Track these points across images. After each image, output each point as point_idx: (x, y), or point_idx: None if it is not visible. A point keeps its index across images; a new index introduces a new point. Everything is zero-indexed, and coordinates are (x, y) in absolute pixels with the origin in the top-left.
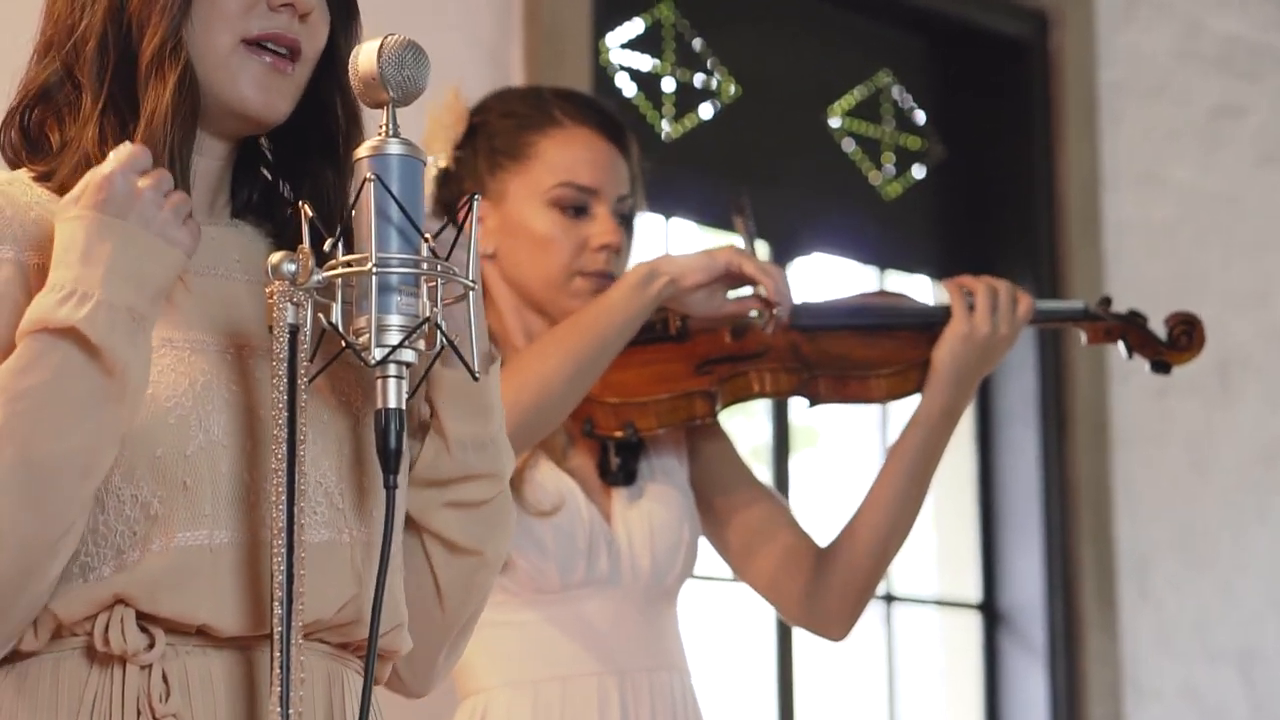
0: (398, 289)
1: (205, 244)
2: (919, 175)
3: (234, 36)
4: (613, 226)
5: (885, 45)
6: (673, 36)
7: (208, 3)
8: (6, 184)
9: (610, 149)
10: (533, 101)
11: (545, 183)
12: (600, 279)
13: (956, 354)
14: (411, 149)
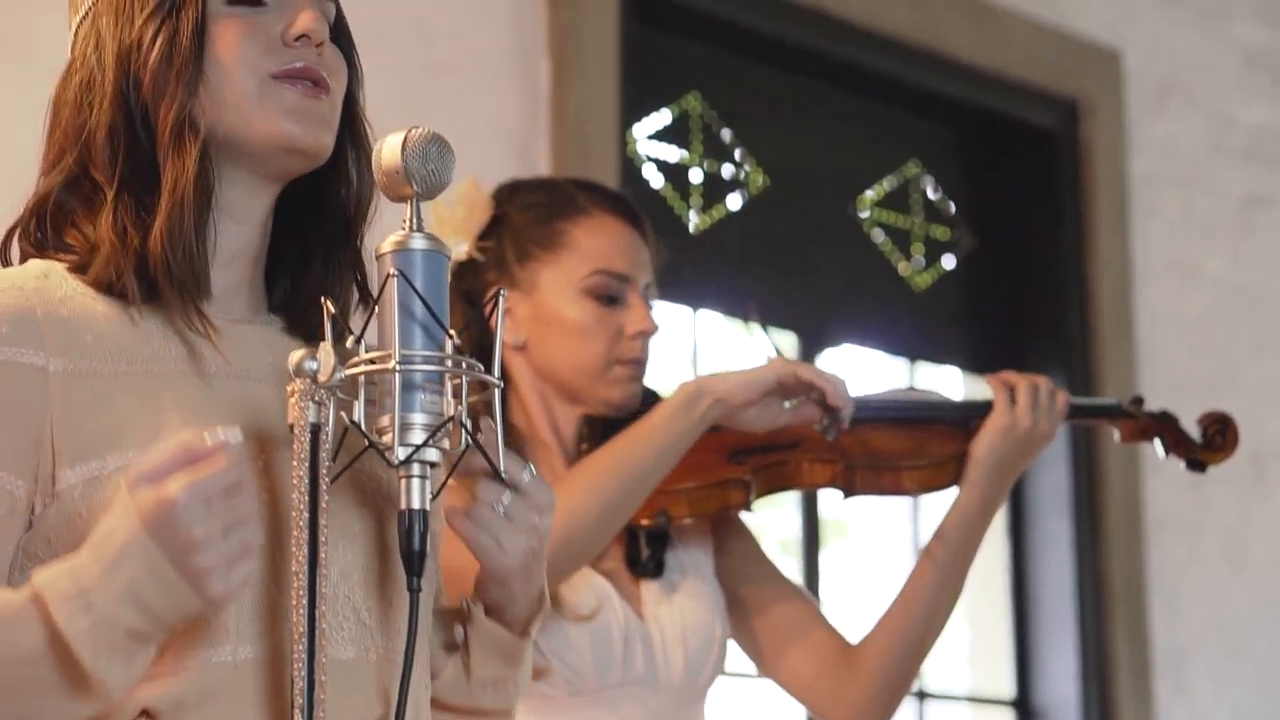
0: (422, 387)
1: (239, 344)
2: (949, 266)
3: (258, 77)
4: (647, 313)
5: (914, 135)
6: (700, 127)
7: (221, 58)
8: (41, 277)
9: (636, 236)
10: (555, 191)
11: (579, 271)
12: (637, 366)
13: (997, 447)
14: (436, 244)
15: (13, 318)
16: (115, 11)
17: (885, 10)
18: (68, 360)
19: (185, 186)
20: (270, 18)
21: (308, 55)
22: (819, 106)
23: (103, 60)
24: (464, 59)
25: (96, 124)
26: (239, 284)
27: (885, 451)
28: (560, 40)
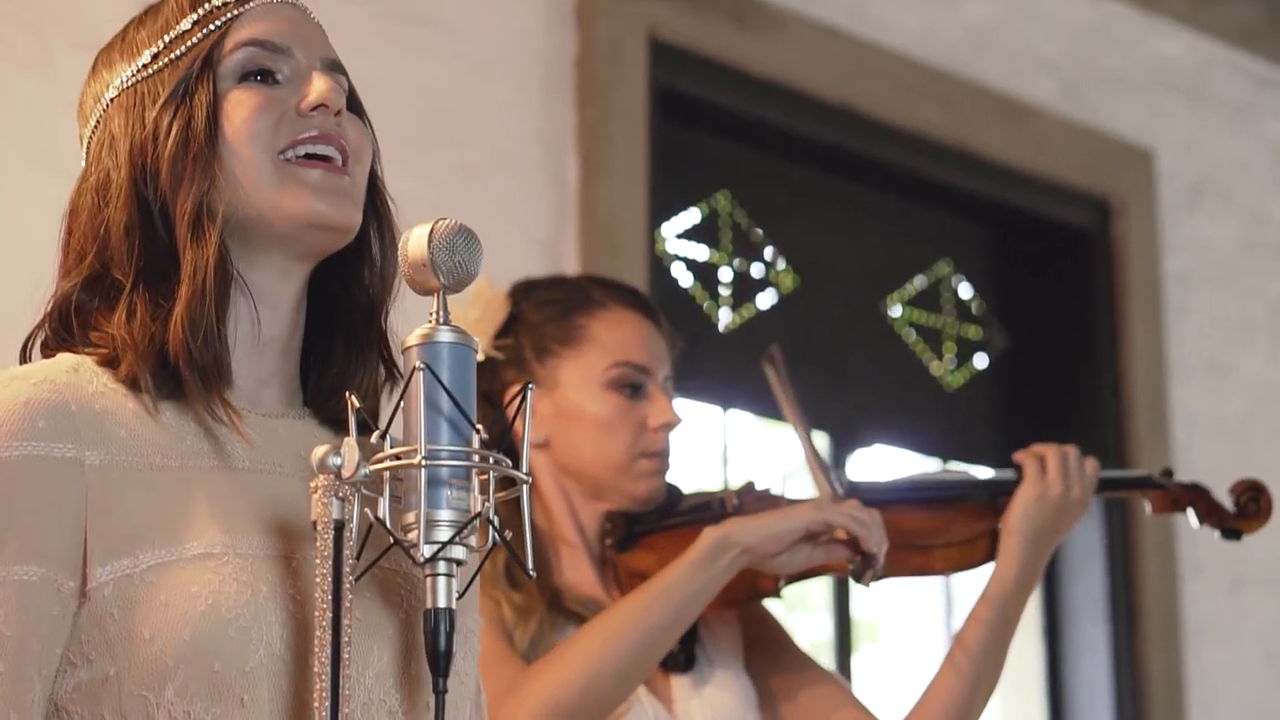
0: (448, 483)
1: (269, 438)
2: (981, 365)
3: (270, 154)
4: (669, 405)
5: (945, 234)
6: (730, 226)
7: (232, 137)
8: (73, 371)
9: (653, 328)
10: (570, 287)
11: (600, 365)
12: (662, 459)
13: (1031, 515)
14: (463, 337)
15: (48, 412)
16: (126, 111)
17: (916, 108)
18: (102, 454)
19: (205, 273)
20: (284, 92)
21: (326, 123)
22: (849, 205)
23: (117, 159)
24: (492, 159)
25: (113, 221)
26: (270, 374)
27: (912, 531)
28: (588, 139)
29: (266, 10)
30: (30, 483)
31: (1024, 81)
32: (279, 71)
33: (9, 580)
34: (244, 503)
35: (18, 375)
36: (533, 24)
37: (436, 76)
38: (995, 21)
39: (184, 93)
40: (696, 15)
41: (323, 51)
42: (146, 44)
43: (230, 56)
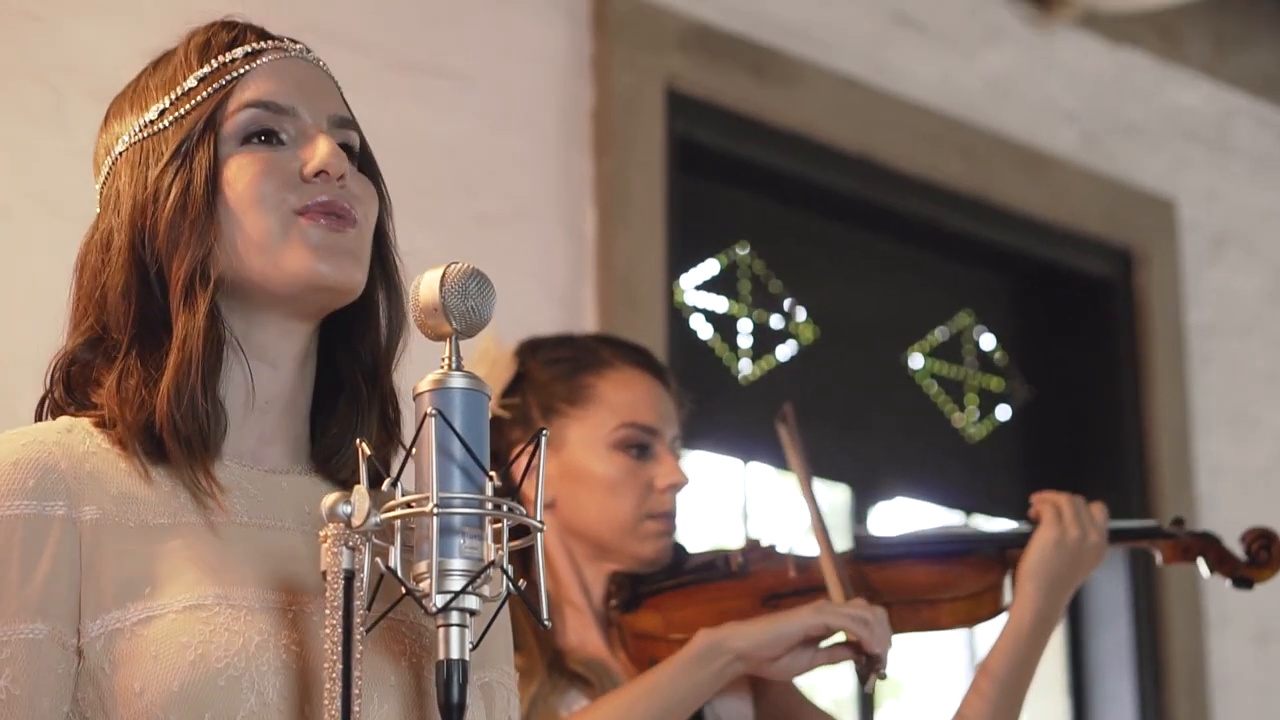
0: (461, 531)
1: (273, 494)
2: (1003, 417)
3: (280, 214)
4: (676, 465)
5: (966, 285)
6: (749, 277)
7: (234, 201)
8: (65, 432)
9: (662, 388)
10: (578, 346)
11: (607, 425)
12: (669, 520)
13: (1048, 559)
14: (475, 383)
15: (38, 471)
16: (132, 167)
17: (936, 159)
18: (95, 510)
19: (194, 341)
20: (286, 154)
21: (330, 189)
22: (869, 256)
23: (119, 218)
24: (509, 210)
25: (111, 283)
26: (273, 432)
27: (919, 586)
28: (606, 190)
29: (274, 68)
30: (25, 541)
31: (1044, 131)
32: (283, 132)
33: (14, 639)
34: (240, 556)
35: (7, 438)
36: (550, 75)
37: (453, 128)
38: (1014, 72)
39: (185, 154)
40: (714, 66)
41: (330, 108)
42: (155, 98)
43: (233, 118)
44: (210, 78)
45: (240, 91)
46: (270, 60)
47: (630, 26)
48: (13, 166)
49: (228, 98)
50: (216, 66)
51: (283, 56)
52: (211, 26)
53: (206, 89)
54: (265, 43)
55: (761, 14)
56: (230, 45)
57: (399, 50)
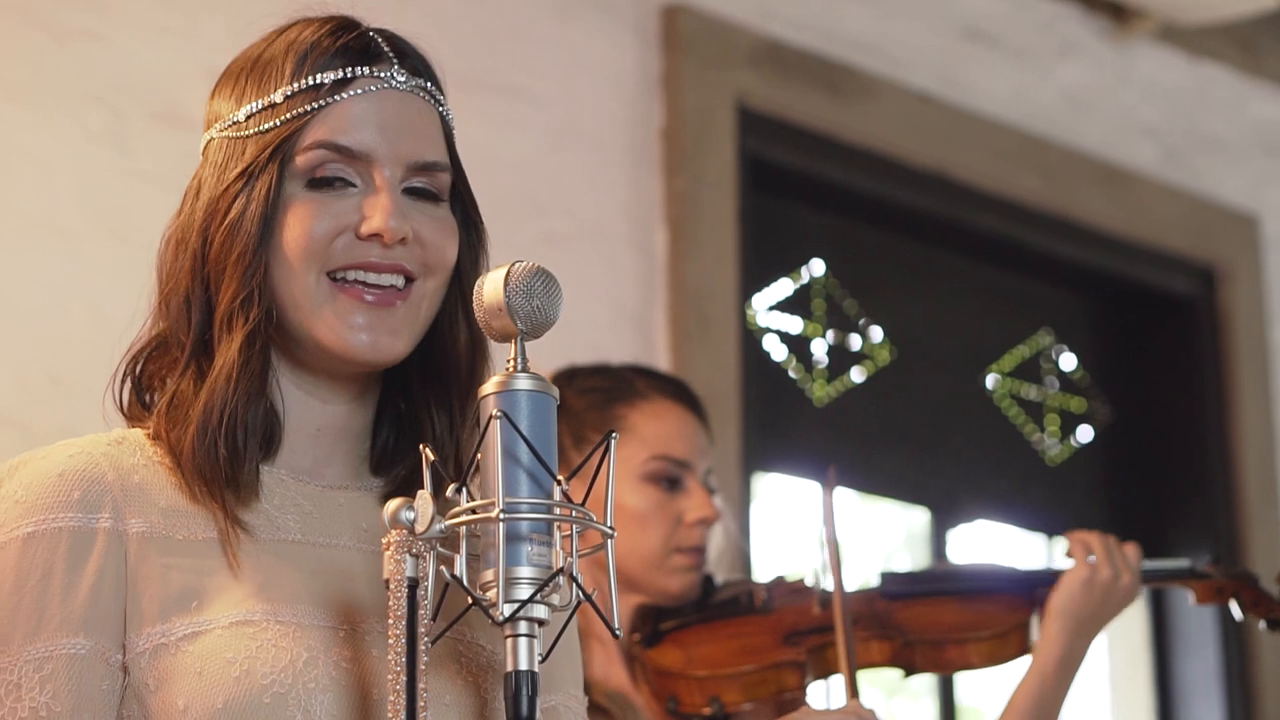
0: (528, 537)
1: (329, 510)
2: (1085, 438)
3: (320, 271)
4: (707, 500)
5: (1045, 304)
6: (823, 297)
7: (285, 247)
8: (115, 444)
9: (696, 421)
10: (612, 376)
11: (638, 457)
12: (698, 554)
13: (1076, 598)
14: (542, 384)
15: (83, 482)
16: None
17: (1013, 175)
18: (142, 522)
19: (224, 380)
20: (349, 203)
21: (386, 254)
22: (946, 275)
23: (194, 217)
24: (578, 230)
25: (176, 286)
26: (329, 454)
27: (944, 625)
28: (677, 209)
29: (361, 104)
30: (69, 554)
31: (1123, 147)
32: (353, 177)
33: (56, 654)
34: (291, 573)
35: (56, 448)
36: (619, 94)
37: (521, 147)
38: (1091, 86)
39: (250, 178)
40: (786, 83)
41: (414, 152)
42: (249, 94)
43: (304, 154)
44: (295, 99)
45: (318, 125)
46: (361, 92)
47: (700, 44)
48: (74, 187)
49: (305, 127)
50: (304, 88)
51: (378, 88)
52: (319, 27)
53: (289, 111)
54: (363, 69)
55: (833, 29)
56: (327, 64)
57: (466, 69)
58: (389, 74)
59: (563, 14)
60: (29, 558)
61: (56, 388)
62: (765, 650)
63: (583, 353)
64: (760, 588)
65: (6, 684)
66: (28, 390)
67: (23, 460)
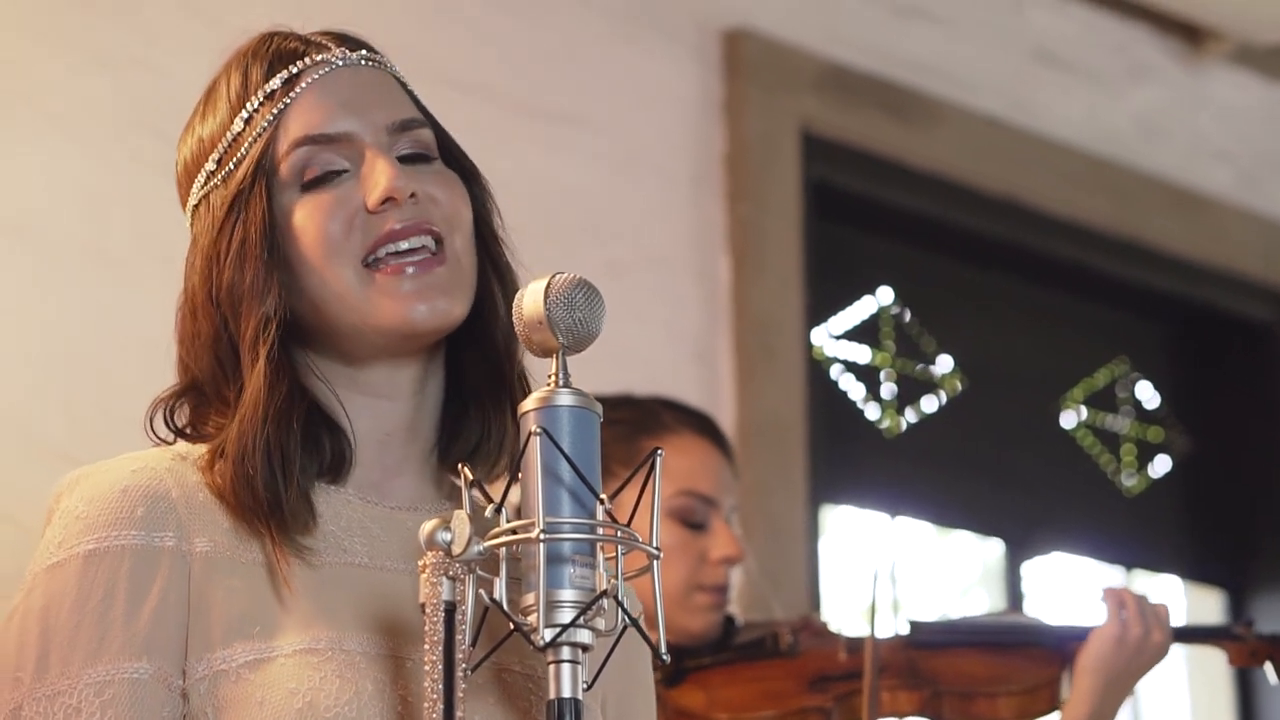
0: (571, 559)
1: (396, 534)
2: (1162, 468)
3: (353, 263)
4: (732, 538)
5: (1120, 331)
6: (892, 326)
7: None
8: (179, 459)
9: (722, 457)
10: (640, 408)
11: (664, 492)
12: (720, 594)
13: (1106, 656)
14: (585, 400)
15: (147, 499)
16: (201, 220)
17: (1085, 200)
18: (207, 542)
19: (252, 408)
20: (348, 187)
21: (404, 213)
22: (1018, 302)
23: (194, 269)
24: (640, 258)
25: (199, 332)
26: (399, 462)
27: (974, 676)
28: (740, 237)
29: (318, 89)
30: (132, 574)
31: (1198, 170)
32: (341, 162)
33: (117, 679)
34: (355, 599)
35: (118, 462)
36: (681, 120)
37: (582, 174)
38: (1164, 109)
39: (239, 210)
40: (850, 108)
41: (388, 115)
42: (209, 147)
43: (286, 160)
44: (254, 117)
45: (288, 125)
46: (312, 81)
47: (763, 68)
48: (126, 216)
49: (275, 135)
50: (257, 105)
51: (326, 71)
52: (245, 53)
53: (252, 132)
54: (302, 61)
55: (898, 53)
56: (266, 75)
57: (526, 96)
58: (328, 57)
59: (624, 39)
60: (90, 576)
61: (106, 418)
62: (790, 695)
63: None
64: (785, 630)
65: (66, 708)
66: (77, 421)
67: (84, 473)
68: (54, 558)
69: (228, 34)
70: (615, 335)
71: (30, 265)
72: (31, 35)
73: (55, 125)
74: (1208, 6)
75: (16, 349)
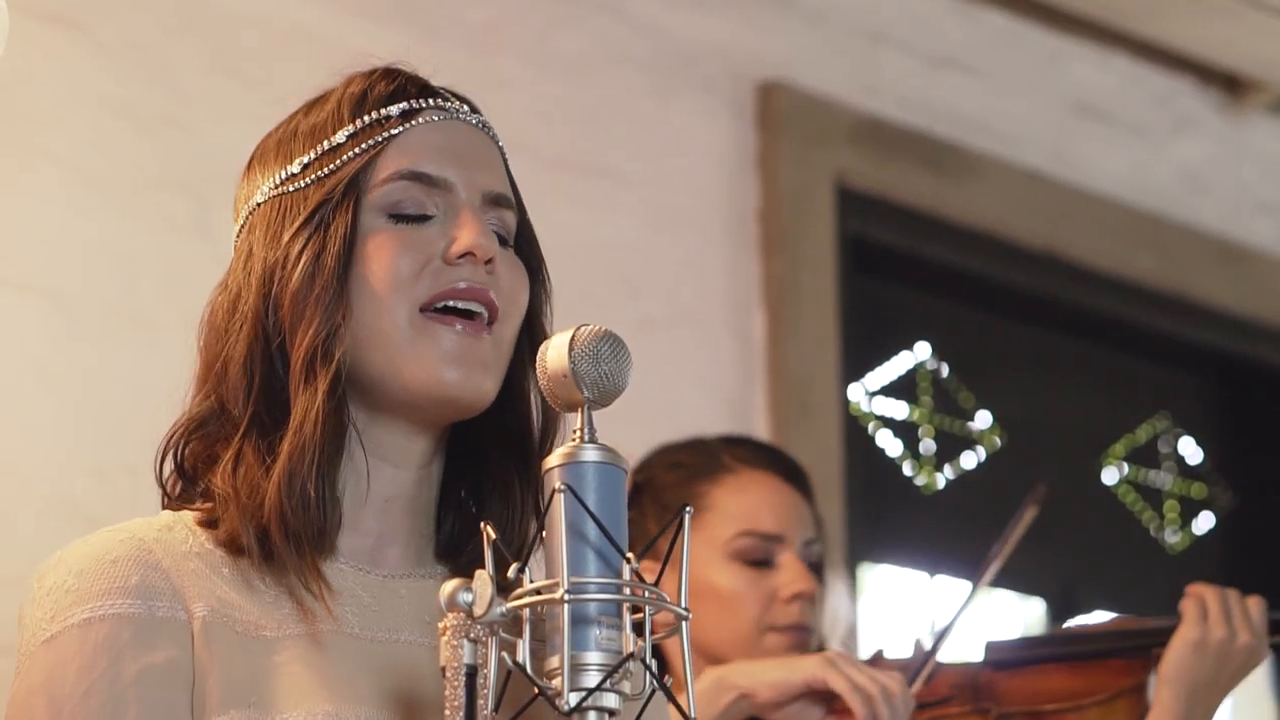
0: (596, 620)
1: (391, 602)
2: (1206, 525)
3: (410, 306)
4: (803, 572)
5: (1162, 386)
6: (930, 382)
7: (370, 279)
8: (166, 529)
9: (790, 490)
10: (699, 450)
11: (724, 534)
12: (797, 632)
13: (1189, 664)
14: (611, 456)
15: (140, 567)
16: (268, 224)
17: (1126, 254)
18: (204, 607)
19: (311, 426)
20: (431, 232)
21: (475, 275)
22: (1058, 357)
23: (249, 279)
24: (674, 313)
25: (234, 352)
26: (394, 532)
27: (1048, 694)
28: (775, 292)
29: (432, 131)
30: (135, 641)
31: (1241, 223)
32: (431, 209)
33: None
34: (352, 671)
35: (102, 534)
36: (714, 174)
37: (616, 229)
38: (1207, 162)
39: (322, 219)
40: (886, 161)
41: (487, 182)
42: (300, 149)
43: (382, 187)
44: (361, 135)
45: (392, 156)
46: (428, 121)
47: (797, 121)
48: (158, 277)
49: (377, 160)
50: (369, 123)
51: (444, 118)
52: (371, 74)
53: (355, 147)
54: (426, 100)
55: (934, 105)
56: (388, 100)
57: (558, 149)
58: (451, 106)
59: (658, 92)
60: (91, 642)
61: (133, 479)
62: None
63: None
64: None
65: None
66: (105, 481)
67: (66, 551)
68: (47, 633)
69: (261, 95)
70: (649, 391)
71: (60, 325)
72: (62, 94)
73: (86, 185)
74: (1248, 57)
75: (45, 409)
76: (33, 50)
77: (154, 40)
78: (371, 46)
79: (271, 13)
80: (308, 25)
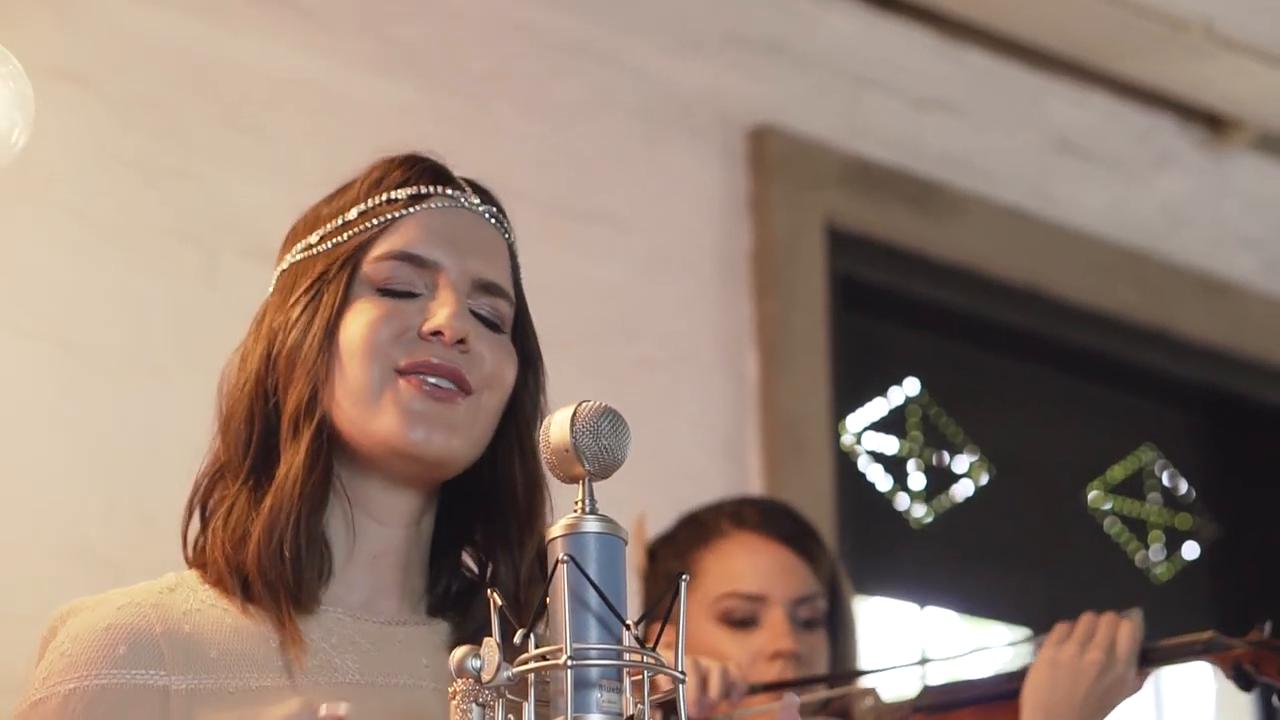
0: (598, 684)
1: (388, 648)
2: (1191, 556)
3: (385, 366)
4: (785, 631)
5: (1146, 419)
6: (919, 417)
7: (351, 342)
8: (168, 590)
9: (781, 550)
10: (703, 518)
11: (709, 597)
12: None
13: (1041, 680)
14: (611, 526)
15: (130, 638)
16: (281, 289)
17: (1109, 289)
18: (190, 679)
19: (290, 482)
20: (412, 307)
21: (445, 354)
22: (1044, 391)
23: (258, 337)
24: (669, 354)
25: (236, 408)
26: (386, 586)
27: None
28: (768, 332)
29: (433, 216)
30: (109, 713)
31: (1223, 258)
32: (418, 287)
33: None
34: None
35: (106, 599)
36: (707, 218)
37: (610, 272)
38: (1188, 198)
39: (320, 288)
40: (874, 202)
41: (479, 270)
42: (322, 221)
43: (375, 264)
44: (369, 213)
45: (389, 236)
46: (434, 207)
47: (787, 165)
48: (167, 326)
49: (379, 238)
50: (379, 202)
51: (450, 205)
52: (394, 160)
53: (363, 224)
54: (436, 187)
55: (919, 146)
56: (401, 183)
57: (554, 195)
58: (461, 195)
59: (650, 137)
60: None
61: (147, 525)
62: None
63: (675, 478)
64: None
65: None
66: (118, 527)
67: (74, 608)
68: (39, 694)
69: (267, 147)
70: (645, 432)
71: (72, 373)
72: (74, 147)
73: (97, 235)
74: (1228, 95)
75: (58, 456)
76: (44, 105)
77: (163, 95)
78: (376, 99)
79: (277, 67)
80: (313, 79)
